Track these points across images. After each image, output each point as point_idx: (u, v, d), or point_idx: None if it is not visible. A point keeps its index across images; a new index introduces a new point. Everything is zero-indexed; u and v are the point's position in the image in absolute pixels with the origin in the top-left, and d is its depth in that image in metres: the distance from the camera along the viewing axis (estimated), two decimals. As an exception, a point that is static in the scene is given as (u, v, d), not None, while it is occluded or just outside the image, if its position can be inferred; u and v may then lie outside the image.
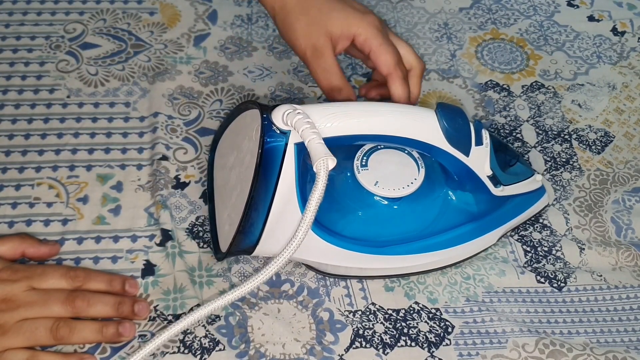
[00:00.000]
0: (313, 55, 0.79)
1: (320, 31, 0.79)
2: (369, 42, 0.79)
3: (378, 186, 0.77)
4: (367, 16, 0.80)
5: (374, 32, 0.79)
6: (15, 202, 0.82)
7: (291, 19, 0.80)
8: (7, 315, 0.71)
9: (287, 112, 0.70)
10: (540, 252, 0.85)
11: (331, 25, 0.79)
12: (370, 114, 0.74)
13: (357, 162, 0.78)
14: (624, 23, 1.07)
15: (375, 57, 0.79)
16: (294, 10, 0.80)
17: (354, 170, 0.78)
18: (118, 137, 0.88)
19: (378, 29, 0.79)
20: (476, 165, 0.77)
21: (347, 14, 0.79)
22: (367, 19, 0.79)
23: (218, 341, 0.75)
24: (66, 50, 0.95)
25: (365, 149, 0.79)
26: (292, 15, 0.80)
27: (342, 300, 0.79)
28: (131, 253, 0.80)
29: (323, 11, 0.79)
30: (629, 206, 0.89)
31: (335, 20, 0.79)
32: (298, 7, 0.80)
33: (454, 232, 0.80)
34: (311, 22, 0.79)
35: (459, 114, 0.76)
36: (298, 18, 0.79)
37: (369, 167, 0.78)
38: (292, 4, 0.80)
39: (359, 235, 0.78)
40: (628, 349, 0.78)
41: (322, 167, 0.68)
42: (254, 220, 0.72)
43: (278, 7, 0.81)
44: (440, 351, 0.77)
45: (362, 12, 0.80)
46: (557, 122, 0.96)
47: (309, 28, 0.79)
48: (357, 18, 0.79)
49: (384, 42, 0.79)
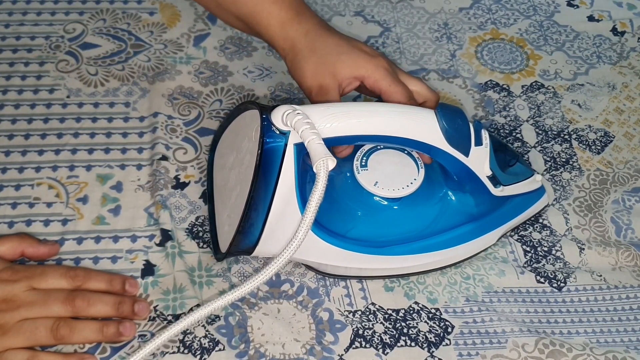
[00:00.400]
0: (318, 93, 0.80)
1: (327, 72, 0.80)
2: (378, 83, 0.80)
3: (377, 186, 0.77)
4: (375, 59, 0.81)
5: (383, 74, 0.80)
6: (15, 202, 0.82)
7: (300, 58, 0.81)
8: (7, 315, 0.71)
9: (287, 112, 0.70)
10: (540, 252, 0.85)
11: (339, 67, 0.80)
12: (370, 114, 0.74)
13: (357, 163, 0.78)
14: (624, 23, 1.07)
15: (387, 98, 0.80)
16: (303, 50, 0.81)
17: (354, 170, 0.78)
18: (118, 137, 0.88)
19: (387, 70, 0.81)
20: (476, 165, 0.77)
21: (356, 57, 0.81)
22: (374, 61, 0.81)
23: (218, 341, 0.75)
24: (66, 50, 0.95)
25: (364, 149, 0.79)
26: (301, 55, 0.81)
27: (341, 300, 0.79)
28: (131, 253, 0.80)
29: (332, 53, 0.81)
30: (628, 206, 0.89)
31: (343, 62, 0.80)
32: (307, 49, 0.81)
33: (454, 232, 0.80)
34: (319, 62, 0.80)
35: (459, 114, 0.76)
36: (307, 58, 0.81)
37: (368, 167, 0.78)
38: (302, 45, 0.81)
39: (359, 236, 0.78)
40: (628, 349, 0.78)
41: (322, 167, 0.68)
42: (253, 221, 0.72)
43: (288, 47, 0.82)
44: (440, 351, 0.77)
45: (370, 55, 0.82)
46: (557, 122, 0.96)
47: (317, 68, 0.80)
48: (365, 60, 0.81)
49: (393, 83, 0.80)
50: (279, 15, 0.83)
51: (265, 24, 0.83)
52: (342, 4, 1.05)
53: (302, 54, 0.81)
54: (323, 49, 0.81)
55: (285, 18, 0.83)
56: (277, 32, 0.83)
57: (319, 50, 0.81)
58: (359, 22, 1.03)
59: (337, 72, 0.80)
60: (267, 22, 0.83)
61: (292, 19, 0.83)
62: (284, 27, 0.83)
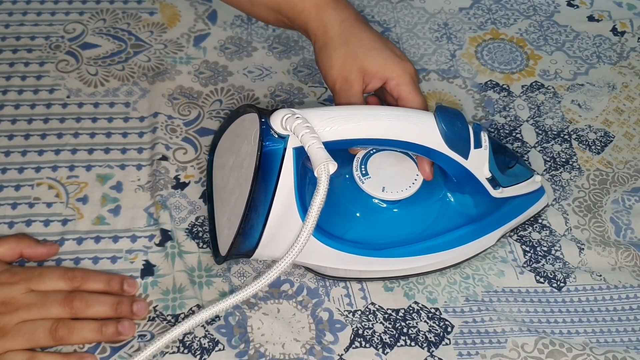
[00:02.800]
0: (342, 86, 0.79)
1: (355, 65, 0.79)
2: (399, 87, 0.80)
3: (377, 189, 0.77)
4: (404, 63, 0.81)
5: (407, 80, 0.80)
6: (15, 202, 0.82)
7: (330, 47, 0.80)
8: (6, 317, 0.71)
9: (286, 116, 0.70)
10: (540, 252, 0.85)
11: (368, 63, 0.79)
12: (369, 117, 0.74)
13: (356, 165, 0.78)
14: (624, 23, 1.07)
15: (403, 104, 0.80)
16: (335, 39, 0.80)
17: (353, 173, 0.78)
18: (118, 137, 0.88)
19: (412, 78, 0.80)
20: (475, 167, 0.77)
21: (386, 56, 0.80)
22: (403, 65, 0.80)
23: (218, 341, 0.75)
24: (66, 50, 0.95)
25: (364, 151, 0.79)
26: (332, 43, 0.80)
27: (341, 300, 0.79)
28: (131, 253, 0.80)
29: (364, 47, 0.80)
30: (628, 206, 0.89)
31: (372, 59, 0.79)
32: (339, 38, 0.80)
33: (453, 234, 0.80)
34: (349, 54, 0.79)
35: (458, 117, 0.76)
36: (337, 48, 0.80)
37: (367, 170, 0.78)
38: (334, 33, 0.80)
39: (358, 238, 0.78)
40: (628, 348, 0.78)
41: (324, 172, 0.68)
42: (253, 224, 0.72)
43: (320, 33, 0.81)
44: (440, 351, 0.77)
45: (400, 58, 0.81)
46: (557, 122, 0.96)
47: (345, 60, 0.79)
48: (395, 63, 0.80)
49: (413, 91, 0.80)
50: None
51: (300, 8, 0.82)
52: (342, 4, 1.05)
53: (333, 42, 0.80)
54: (355, 42, 0.80)
55: (322, 2, 0.81)
56: (312, 14, 0.82)
57: (352, 41, 0.80)
58: (359, 22, 1.03)
59: (365, 67, 0.79)
60: (303, 5, 0.82)
61: (328, 4, 0.81)
62: (319, 11, 0.81)
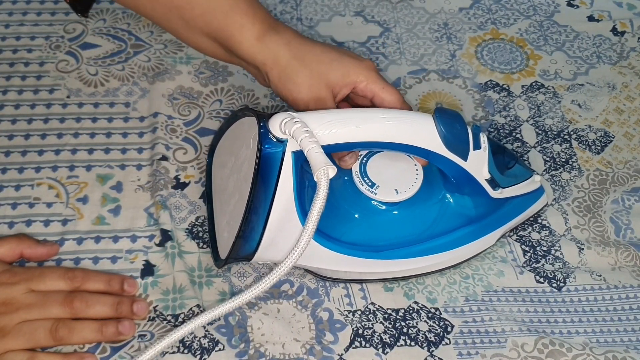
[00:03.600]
0: (316, 106, 0.78)
1: (321, 83, 0.78)
2: (370, 86, 0.79)
3: (376, 191, 0.77)
4: (364, 62, 0.80)
5: (374, 77, 0.79)
6: (15, 202, 0.82)
7: (290, 72, 0.78)
8: (6, 317, 0.71)
9: (285, 120, 0.70)
10: (539, 252, 0.85)
11: (333, 76, 0.78)
12: (368, 120, 0.74)
13: (355, 167, 0.78)
14: (624, 23, 1.07)
15: (380, 100, 0.79)
16: (291, 64, 0.78)
17: (352, 175, 0.78)
18: (118, 137, 0.88)
19: (377, 73, 0.80)
20: (474, 169, 0.77)
21: (346, 63, 0.79)
22: (364, 65, 0.80)
23: (217, 341, 0.75)
24: (66, 50, 0.95)
25: (363, 153, 0.79)
26: (290, 68, 0.78)
27: (341, 300, 0.79)
28: (131, 253, 0.80)
29: (322, 62, 0.78)
30: (628, 206, 0.89)
31: (335, 70, 0.78)
32: (295, 61, 0.78)
33: (453, 235, 0.80)
34: (312, 74, 0.78)
35: (457, 118, 0.76)
36: (297, 71, 0.78)
37: (367, 172, 0.78)
38: (287, 58, 0.78)
39: (358, 240, 0.78)
40: (627, 348, 0.78)
41: (323, 176, 0.68)
42: (252, 228, 0.72)
43: (271, 63, 0.79)
44: (440, 350, 0.77)
45: (359, 60, 0.80)
46: (557, 122, 0.96)
47: (311, 80, 0.78)
48: (356, 65, 0.79)
49: (386, 85, 0.79)
50: (253, 28, 0.79)
51: (238, 40, 0.79)
52: (342, 4, 1.05)
53: (291, 66, 0.78)
54: (312, 59, 0.78)
55: (261, 31, 0.79)
56: (255, 45, 0.79)
57: (309, 60, 0.78)
58: (359, 22, 1.03)
59: (332, 81, 0.78)
60: (241, 36, 0.79)
61: (268, 31, 0.79)
62: (261, 40, 0.79)
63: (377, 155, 0.79)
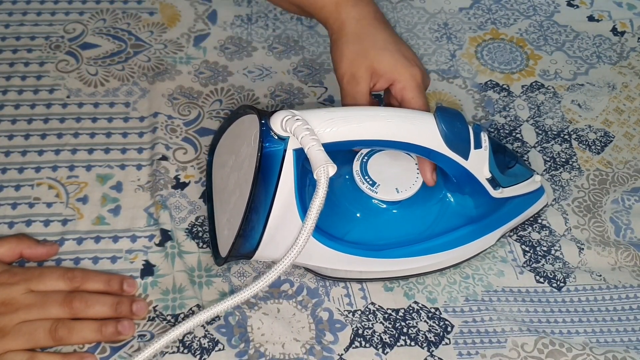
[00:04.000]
0: (350, 81, 0.80)
1: (364, 63, 0.80)
2: (404, 91, 0.80)
3: (377, 190, 0.77)
4: (413, 68, 0.80)
5: (413, 85, 0.80)
6: (15, 202, 0.82)
7: (342, 42, 0.81)
8: (6, 318, 0.71)
9: (286, 118, 0.70)
10: (539, 252, 0.85)
11: (377, 62, 0.80)
12: (369, 118, 0.74)
13: (356, 166, 0.78)
14: (624, 23, 1.07)
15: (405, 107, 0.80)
16: (349, 35, 0.81)
17: (353, 173, 0.78)
18: (118, 137, 0.88)
19: (417, 83, 0.80)
20: (475, 168, 0.77)
21: (397, 59, 0.80)
22: (411, 70, 0.80)
23: (217, 341, 0.75)
24: (66, 50, 0.95)
25: (363, 152, 0.79)
26: (345, 39, 0.81)
27: (341, 300, 0.79)
28: (130, 253, 0.80)
29: (376, 46, 0.80)
30: (628, 206, 0.89)
31: (382, 59, 0.80)
32: (354, 34, 0.81)
33: (453, 234, 0.80)
34: (360, 51, 0.80)
35: (458, 117, 0.76)
36: (349, 44, 0.81)
37: (367, 171, 0.78)
38: (350, 29, 0.81)
39: (358, 239, 0.78)
40: (627, 348, 0.78)
41: (323, 174, 0.68)
42: (253, 225, 0.72)
43: (336, 28, 0.82)
44: (440, 350, 0.77)
45: (410, 62, 0.81)
46: (557, 122, 0.96)
47: (356, 56, 0.80)
48: (404, 66, 0.80)
49: (417, 96, 0.80)
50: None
51: (320, 4, 0.83)
52: (342, 4, 1.05)
53: (347, 37, 0.81)
54: (369, 40, 0.80)
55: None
56: (331, 11, 0.82)
57: (365, 40, 0.80)
58: (359, 22, 1.03)
59: (374, 66, 0.80)
60: (323, 1, 0.83)
61: (348, 1, 0.82)
62: (338, 7, 0.82)
63: (378, 154, 0.79)
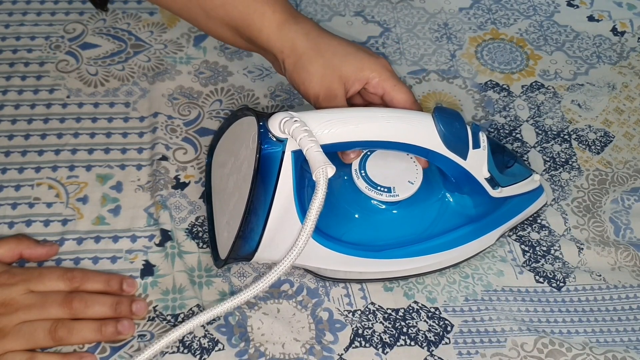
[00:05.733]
0: (326, 98, 0.78)
1: (334, 75, 0.79)
2: (382, 84, 0.79)
3: (376, 190, 0.77)
4: (379, 59, 0.80)
5: (387, 75, 0.79)
6: (15, 202, 0.82)
7: (304, 61, 0.79)
8: (6, 318, 0.71)
9: (284, 120, 0.70)
10: (539, 251, 0.85)
11: (346, 70, 0.79)
12: (367, 119, 0.74)
13: (355, 166, 0.78)
14: (624, 23, 1.07)
15: (390, 98, 0.79)
16: (307, 53, 0.79)
17: (352, 174, 0.78)
18: (118, 137, 0.88)
19: (390, 72, 0.80)
20: (474, 168, 0.77)
21: (361, 58, 0.80)
22: (379, 62, 0.80)
23: (217, 341, 0.75)
24: (66, 50, 0.95)
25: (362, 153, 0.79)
26: (306, 57, 0.79)
27: (341, 300, 0.79)
28: (130, 253, 0.80)
29: (338, 55, 0.79)
30: (627, 206, 0.89)
31: (349, 64, 0.79)
32: (311, 51, 0.79)
33: (453, 234, 0.80)
34: (326, 65, 0.79)
35: (456, 117, 0.76)
36: (312, 61, 0.79)
37: (366, 171, 0.78)
38: (304, 48, 0.79)
39: (358, 240, 0.78)
40: (627, 348, 0.78)
41: (322, 175, 0.68)
42: (252, 227, 0.72)
43: (288, 51, 0.80)
44: (440, 350, 0.77)
45: (373, 56, 0.81)
46: (557, 122, 0.96)
47: (325, 71, 0.78)
48: (370, 61, 0.80)
49: (398, 83, 0.80)
50: (274, 16, 0.80)
51: (258, 27, 0.80)
52: (342, 4, 1.05)
53: (307, 55, 0.79)
54: (328, 51, 0.79)
55: (281, 19, 0.80)
56: (274, 33, 0.80)
57: (324, 51, 0.79)
58: (359, 22, 1.03)
59: (345, 74, 0.79)
60: (261, 24, 0.80)
61: (288, 20, 0.80)
62: (281, 28, 0.80)
63: (377, 155, 0.79)
